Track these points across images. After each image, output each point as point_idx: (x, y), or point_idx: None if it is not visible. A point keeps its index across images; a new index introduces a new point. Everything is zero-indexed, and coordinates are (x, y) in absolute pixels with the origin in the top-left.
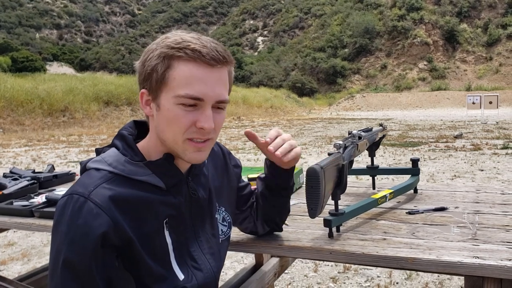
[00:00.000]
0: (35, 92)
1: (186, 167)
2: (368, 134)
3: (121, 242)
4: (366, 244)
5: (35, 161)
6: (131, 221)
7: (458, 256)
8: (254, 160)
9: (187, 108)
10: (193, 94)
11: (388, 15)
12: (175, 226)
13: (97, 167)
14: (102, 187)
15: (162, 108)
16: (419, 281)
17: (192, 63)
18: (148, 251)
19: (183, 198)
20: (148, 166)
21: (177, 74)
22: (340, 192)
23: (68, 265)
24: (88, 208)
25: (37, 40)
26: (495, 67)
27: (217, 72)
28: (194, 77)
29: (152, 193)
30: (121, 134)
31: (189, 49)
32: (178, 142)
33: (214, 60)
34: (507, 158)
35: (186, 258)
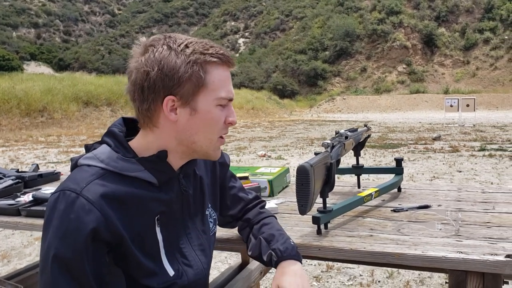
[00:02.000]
0: (12, 92)
1: (178, 164)
2: (354, 134)
3: (112, 238)
4: (353, 240)
5: (13, 162)
6: (123, 218)
7: (442, 251)
8: (236, 161)
9: (222, 108)
10: (230, 95)
11: (368, 19)
12: (166, 222)
13: (89, 164)
14: (94, 183)
15: (200, 111)
16: (400, 280)
17: (222, 67)
18: (139, 247)
19: (175, 195)
20: (141, 162)
21: (214, 77)
22: (328, 190)
23: (59, 260)
24: (80, 204)
25: (14, 39)
26: (472, 70)
27: (230, 73)
28: (226, 79)
29: (144, 190)
30: (112, 131)
31: (220, 54)
32: (214, 140)
33: (233, 61)
34: (484, 160)
35: (176, 255)
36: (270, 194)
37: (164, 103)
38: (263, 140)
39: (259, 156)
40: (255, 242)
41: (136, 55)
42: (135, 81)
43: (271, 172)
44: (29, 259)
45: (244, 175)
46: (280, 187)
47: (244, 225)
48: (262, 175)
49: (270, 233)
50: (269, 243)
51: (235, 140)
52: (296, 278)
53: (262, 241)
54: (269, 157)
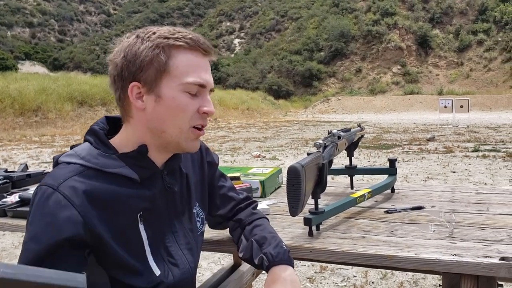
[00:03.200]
0: (6, 91)
1: (161, 160)
2: (347, 134)
3: (90, 237)
4: (345, 242)
5: (6, 162)
6: (103, 215)
7: (436, 254)
8: (230, 162)
9: (191, 95)
10: (200, 81)
11: (363, 20)
12: (151, 220)
13: (68, 161)
14: (72, 179)
15: (164, 98)
16: (394, 281)
17: (192, 52)
18: (122, 245)
19: (158, 191)
20: (121, 158)
21: (179, 62)
22: (320, 191)
23: (32, 248)
24: (56, 199)
25: (8, 38)
26: (466, 72)
27: (208, 61)
28: (197, 65)
29: (125, 186)
30: (93, 129)
31: (188, 39)
32: (184, 130)
33: (208, 48)
34: (477, 161)
35: (162, 253)
36: (262, 195)
37: (129, 90)
38: (258, 141)
39: (253, 157)
40: (247, 244)
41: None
42: (109, 72)
43: (263, 172)
44: None
45: (235, 175)
46: (272, 188)
47: (236, 226)
48: (254, 176)
49: (262, 235)
50: (260, 246)
51: (230, 141)
52: (287, 285)
53: (253, 244)
54: (264, 157)
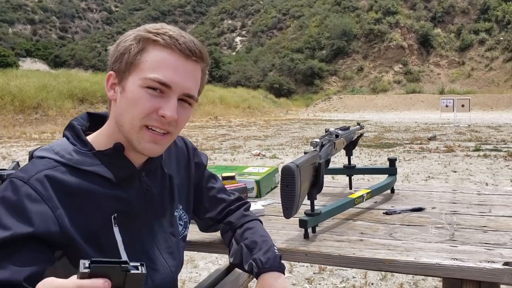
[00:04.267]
0: (6, 88)
1: (140, 161)
2: (346, 133)
3: (63, 236)
4: (342, 245)
5: (5, 159)
6: (73, 214)
7: (436, 258)
8: (230, 160)
9: (152, 93)
10: (162, 79)
11: (365, 18)
12: (126, 222)
13: (42, 155)
14: (43, 173)
15: (126, 90)
16: (394, 282)
17: (167, 50)
18: (95, 248)
19: (135, 193)
20: (97, 156)
21: (149, 57)
22: (316, 191)
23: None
24: (26, 191)
25: (10, 35)
26: (467, 71)
27: (191, 65)
28: (167, 63)
29: (100, 186)
30: (71, 124)
31: (167, 36)
32: (135, 127)
33: (189, 50)
34: (479, 160)
35: (140, 258)
36: (258, 195)
37: (106, 79)
38: (258, 139)
39: (253, 155)
40: (237, 249)
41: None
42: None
43: (259, 172)
44: None
45: (230, 174)
46: (268, 188)
47: (226, 229)
48: (249, 175)
49: (253, 239)
50: (251, 252)
51: (230, 139)
52: None
53: (243, 248)
54: (264, 156)
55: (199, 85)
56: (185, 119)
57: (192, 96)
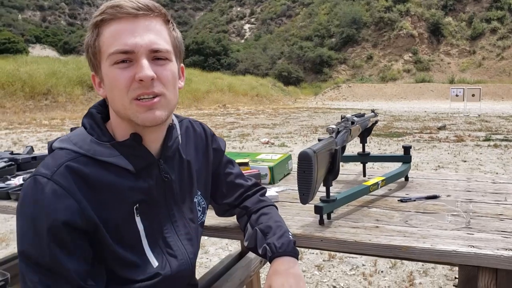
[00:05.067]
0: (17, 75)
1: (156, 148)
2: (361, 120)
3: (87, 226)
4: (358, 231)
5: (16, 144)
6: (97, 205)
7: (453, 245)
8: (239, 148)
9: (122, 66)
10: (121, 48)
11: (375, 6)
12: (147, 211)
13: (61, 147)
14: (65, 166)
15: (104, 78)
16: (403, 270)
17: (115, 21)
18: (117, 238)
19: (154, 182)
20: (115, 147)
21: (105, 37)
22: (332, 178)
23: (27, 257)
24: (52, 189)
25: (19, 21)
26: (478, 60)
27: (143, 21)
28: (119, 32)
29: (120, 177)
30: (90, 112)
31: (109, 8)
32: (126, 105)
33: (134, 9)
34: (489, 150)
35: (160, 244)
36: (271, 182)
37: (92, 82)
38: (266, 127)
39: (262, 143)
40: (252, 233)
41: None
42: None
43: (272, 158)
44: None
45: (244, 161)
46: (281, 175)
47: (242, 213)
48: (262, 162)
49: (268, 224)
50: (265, 236)
51: (238, 127)
52: (289, 278)
53: (258, 233)
54: (272, 144)
55: (167, 37)
56: (170, 76)
57: (160, 50)
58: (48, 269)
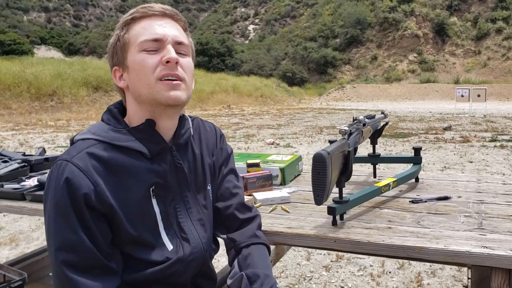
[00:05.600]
0: (23, 76)
1: (169, 136)
2: (372, 121)
3: (102, 206)
4: (371, 232)
5: (22, 145)
6: (114, 187)
7: (466, 246)
8: (244, 149)
9: (150, 52)
10: (152, 36)
11: (379, 7)
12: (163, 195)
13: (82, 138)
14: (85, 151)
15: (130, 65)
16: (411, 271)
17: (144, 18)
18: (133, 219)
19: (168, 167)
20: (131, 132)
21: (134, 31)
22: (345, 179)
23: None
24: (70, 169)
25: (24, 22)
26: (483, 61)
27: (169, 20)
28: (149, 24)
29: (137, 160)
30: (108, 108)
31: (139, 8)
32: (152, 84)
33: (163, 9)
34: (495, 151)
35: (175, 228)
36: (282, 183)
37: (113, 75)
38: (271, 128)
39: (267, 144)
40: (238, 276)
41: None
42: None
43: (283, 159)
44: (37, 243)
45: (255, 162)
46: (292, 176)
47: (230, 246)
48: (273, 163)
49: (255, 272)
50: (251, 284)
51: (243, 128)
52: None
53: (244, 278)
54: (278, 145)
55: (187, 39)
56: (189, 66)
57: (183, 43)
58: (73, 248)
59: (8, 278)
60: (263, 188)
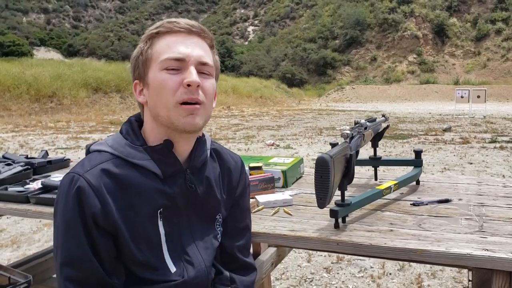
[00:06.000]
0: (22, 77)
1: (184, 157)
2: (373, 124)
3: (109, 226)
4: (373, 235)
5: (23, 147)
6: (123, 207)
7: (467, 248)
8: (244, 150)
9: (172, 72)
10: (175, 55)
11: (379, 8)
12: (169, 217)
13: (99, 149)
14: (100, 167)
15: (150, 82)
16: (411, 272)
17: (169, 34)
18: (139, 240)
19: (179, 190)
20: (147, 151)
21: (158, 47)
22: (347, 182)
23: (63, 221)
24: (81, 185)
25: (24, 24)
26: (483, 62)
27: (195, 38)
28: (174, 42)
29: (149, 179)
30: (129, 120)
31: (166, 23)
32: (170, 107)
33: (189, 25)
34: (495, 152)
35: (179, 251)
36: (284, 185)
37: (133, 89)
38: (271, 129)
39: (267, 145)
40: None
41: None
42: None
43: (284, 162)
44: (38, 245)
45: (257, 165)
46: (294, 178)
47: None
48: (275, 165)
49: None
50: None
51: (243, 129)
52: None
53: None
54: (278, 146)
55: (212, 58)
56: (211, 88)
57: (207, 64)
58: (77, 264)
59: (13, 281)
60: (266, 190)
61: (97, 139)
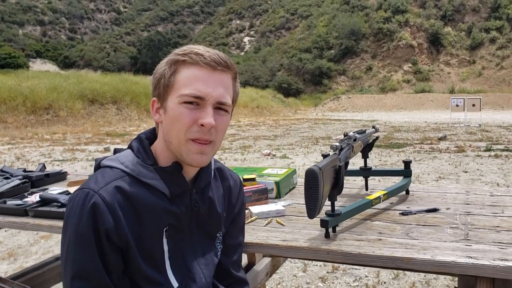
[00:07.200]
0: (18, 89)
1: (191, 175)
2: (363, 136)
3: (120, 241)
4: (362, 244)
5: (19, 159)
6: (133, 223)
7: (452, 256)
8: (241, 160)
9: (189, 107)
10: (195, 93)
11: (374, 17)
12: (174, 235)
13: (111, 165)
14: (114, 184)
15: (168, 110)
16: (406, 281)
17: (195, 66)
18: (144, 255)
19: (185, 209)
20: (158, 171)
21: (181, 76)
22: (337, 193)
23: (75, 235)
24: (96, 201)
25: (20, 36)
26: (478, 70)
27: (219, 75)
28: (196, 77)
29: (158, 198)
30: (139, 137)
31: (193, 53)
32: (182, 141)
33: (215, 62)
34: (490, 160)
35: (181, 267)
36: (277, 196)
37: (151, 105)
38: (267, 139)
39: (263, 155)
40: None
41: None
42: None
43: (278, 173)
44: (35, 257)
45: (251, 176)
46: (287, 189)
47: None
48: (269, 176)
49: None
50: None
51: (239, 139)
52: None
53: None
54: (274, 155)
55: (232, 92)
56: (224, 126)
57: (225, 103)
58: (88, 276)
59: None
60: (259, 201)
61: (93, 151)
